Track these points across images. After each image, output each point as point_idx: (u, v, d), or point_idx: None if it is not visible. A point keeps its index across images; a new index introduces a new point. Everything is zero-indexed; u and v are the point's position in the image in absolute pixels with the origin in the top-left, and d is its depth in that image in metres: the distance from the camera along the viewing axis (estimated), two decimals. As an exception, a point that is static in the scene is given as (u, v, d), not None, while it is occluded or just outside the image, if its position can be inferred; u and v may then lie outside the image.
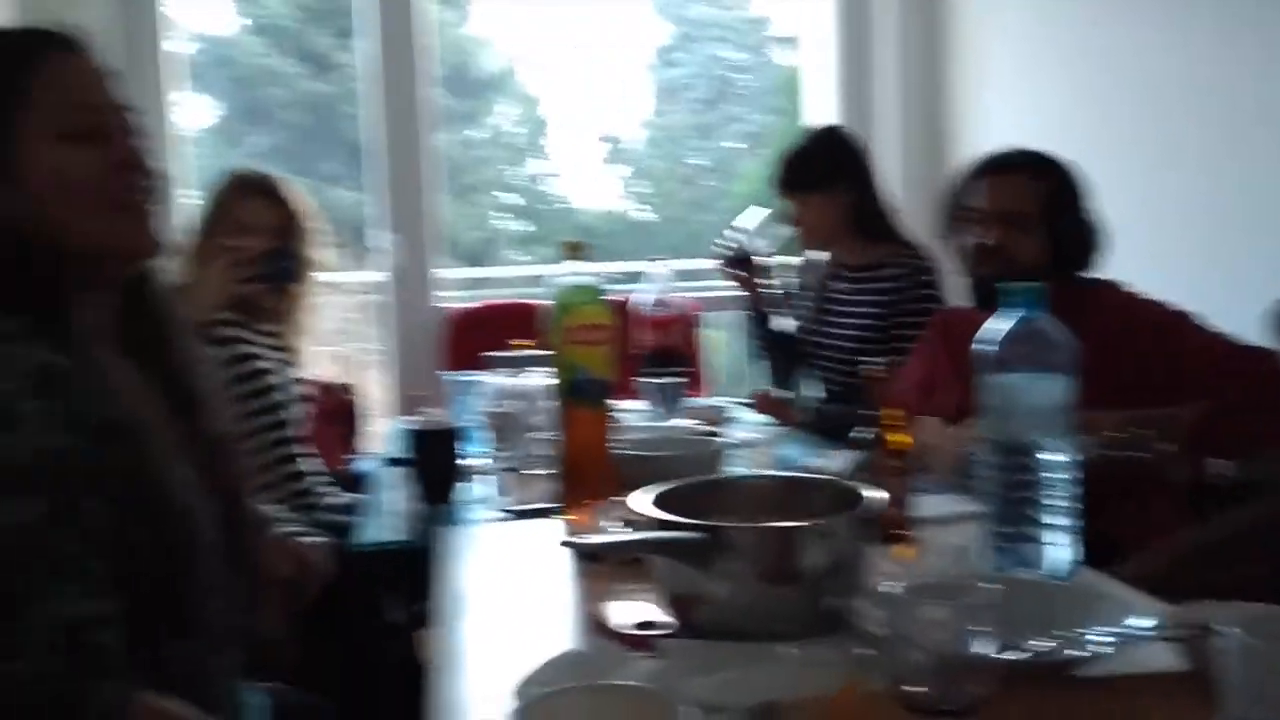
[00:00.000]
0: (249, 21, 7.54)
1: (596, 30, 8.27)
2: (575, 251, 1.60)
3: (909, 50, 3.79)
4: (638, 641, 1.03)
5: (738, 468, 1.79)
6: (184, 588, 1.06)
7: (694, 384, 2.96)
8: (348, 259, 5.10)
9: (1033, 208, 1.86)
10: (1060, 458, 1.17)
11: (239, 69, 7.43)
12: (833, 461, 1.74)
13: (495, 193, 9.11)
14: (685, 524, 1.00)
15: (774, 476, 1.29)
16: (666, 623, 1.07)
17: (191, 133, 5.09)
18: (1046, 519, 1.17)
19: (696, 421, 2.28)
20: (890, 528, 1.35)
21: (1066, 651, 0.92)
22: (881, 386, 1.36)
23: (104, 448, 0.99)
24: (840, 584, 1.04)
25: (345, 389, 3.08)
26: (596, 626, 1.10)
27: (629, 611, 1.11)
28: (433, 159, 3.74)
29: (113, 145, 1.08)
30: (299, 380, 2.47)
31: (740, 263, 2.68)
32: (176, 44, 3.64)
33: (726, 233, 2.71)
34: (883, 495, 1.10)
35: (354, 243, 4.75)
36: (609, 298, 1.56)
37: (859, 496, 1.09)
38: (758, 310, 2.73)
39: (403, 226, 3.73)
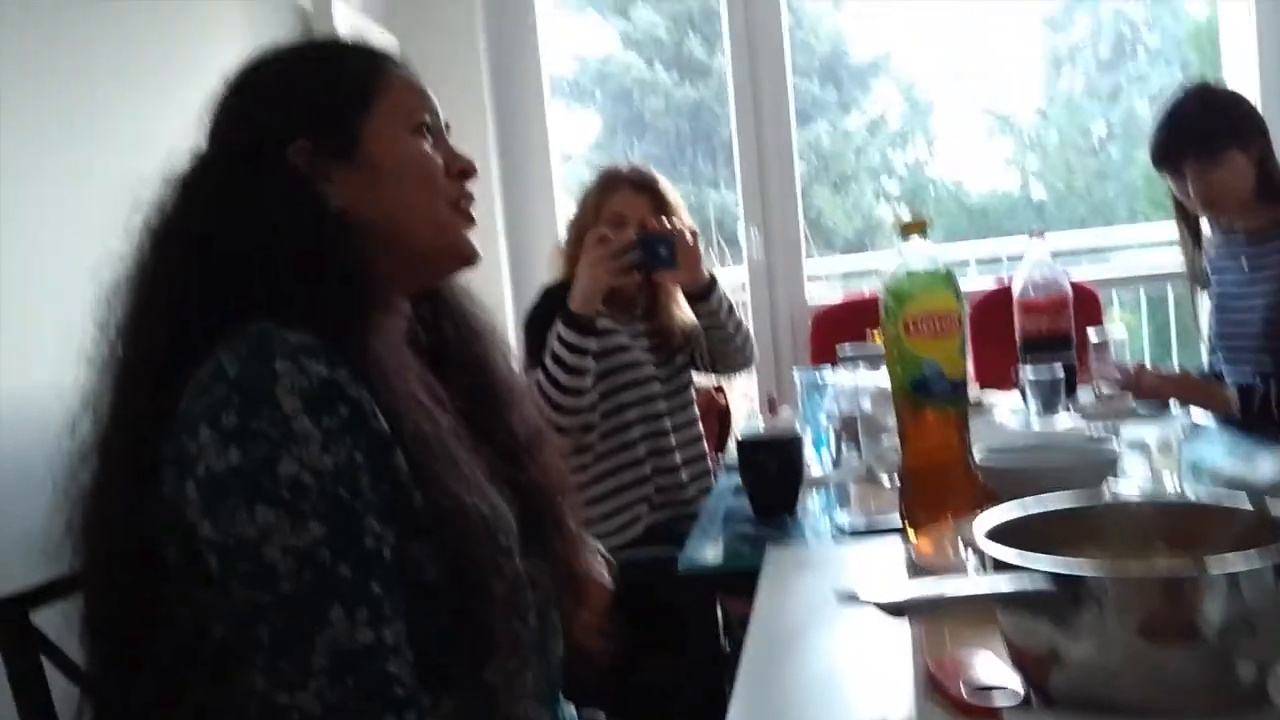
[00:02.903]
0: (622, 36, 7.78)
1: (977, 5, 7.78)
2: (915, 230, 1.39)
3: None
4: (974, 710, 0.82)
5: (1128, 481, 1.49)
6: (482, 603, 0.99)
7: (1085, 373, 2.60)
8: (724, 258, 5.11)
9: None
10: None
11: (616, 83, 7.69)
12: (1262, 468, 1.40)
13: (875, 180, 8.83)
14: (1029, 568, 0.77)
15: (1166, 501, 1.01)
16: (1014, 687, 0.85)
17: (578, 149, 5.31)
18: None
19: (1086, 420, 1.97)
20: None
21: None
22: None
23: (387, 460, 0.93)
24: (1256, 645, 0.77)
25: (716, 388, 3.02)
26: (930, 684, 0.90)
27: (972, 668, 0.89)
28: (794, 152, 3.65)
29: (449, 153, 1.12)
30: (673, 374, 2.43)
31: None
32: (555, 65, 3.79)
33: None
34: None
35: (731, 242, 4.74)
36: (969, 281, 1.34)
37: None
38: None
39: (767, 221, 3.64)
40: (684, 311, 2.44)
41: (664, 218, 2.30)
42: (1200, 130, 2.13)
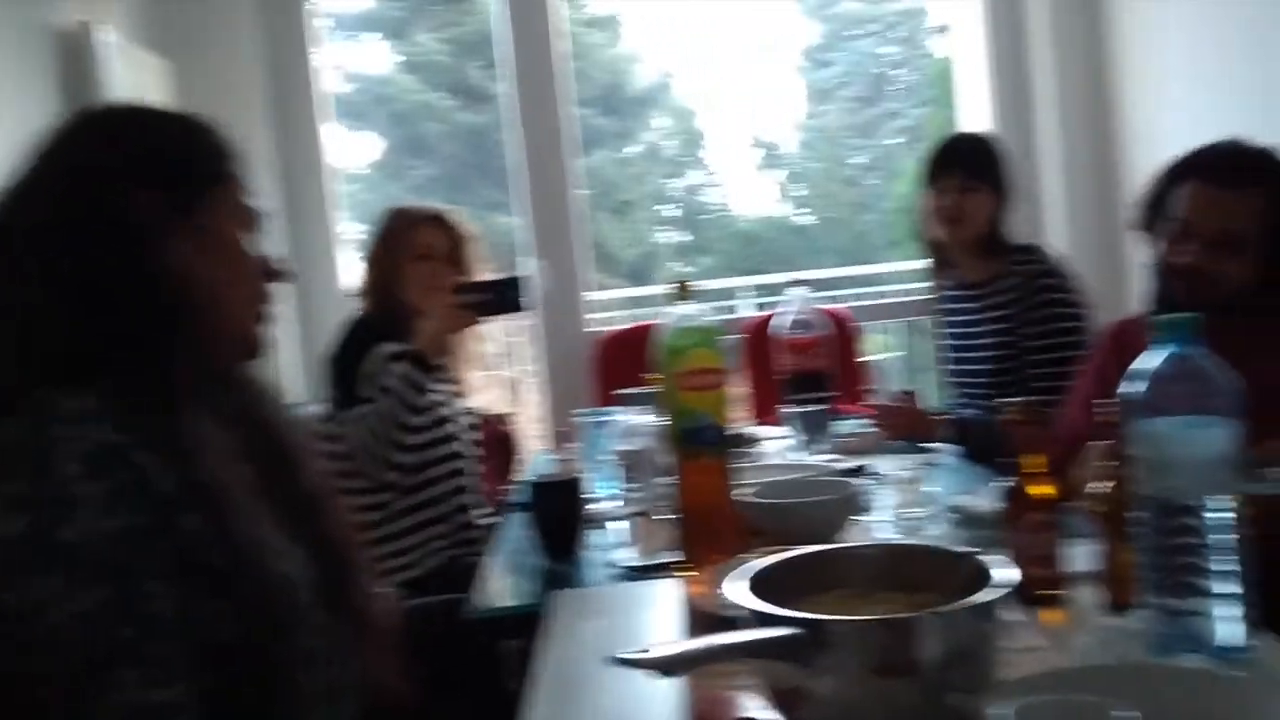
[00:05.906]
0: (403, 59, 7.76)
1: (744, 39, 8.16)
2: (683, 292, 1.51)
3: (1066, 35, 3.53)
4: (736, 744, 0.93)
5: (878, 513, 1.66)
6: (281, 655, 1.03)
7: (850, 400, 2.81)
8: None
9: (1252, 227, 1.61)
10: (1228, 516, 1.01)
11: (397, 105, 7.66)
12: (982, 500, 1.59)
13: (655, 207, 9.10)
14: (777, 616, 0.89)
15: (887, 546, 1.16)
16: None
17: (358, 169, 5.26)
18: (1215, 587, 1.00)
19: (839, 456, 2.15)
20: (1037, 587, 1.21)
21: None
22: (1022, 430, 1.21)
23: (174, 521, 0.96)
24: (965, 676, 0.91)
25: (500, 419, 3.06)
26: None
27: (736, 704, 1.00)
28: (576, 180, 3.68)
29: (266, 255, 1.16)
30: (468, 411, 2.48)
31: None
32: (332, 84, 3.72)
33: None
34: (1013, 573, 0.96)
35: (512, 268, 4.79)
36: (735, 329, 1.47)
37: (985, 573, 0.96)
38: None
39: (550, 249, 3.65)
40: (478, 350, 2.52)
41: (467, 251, 2.40)
42: (973, 158, 2.35)
